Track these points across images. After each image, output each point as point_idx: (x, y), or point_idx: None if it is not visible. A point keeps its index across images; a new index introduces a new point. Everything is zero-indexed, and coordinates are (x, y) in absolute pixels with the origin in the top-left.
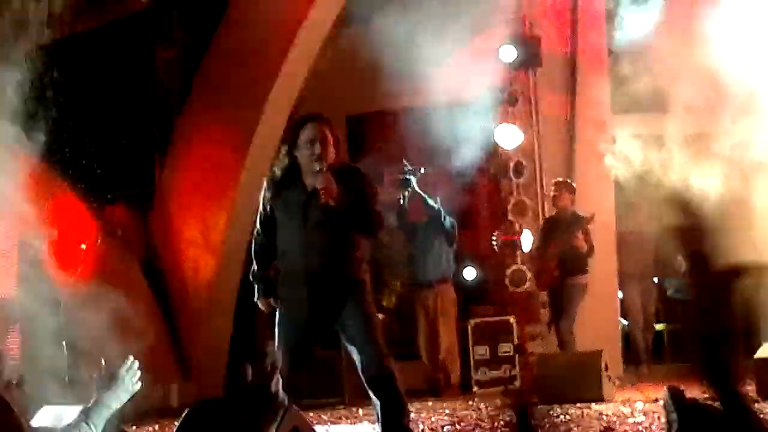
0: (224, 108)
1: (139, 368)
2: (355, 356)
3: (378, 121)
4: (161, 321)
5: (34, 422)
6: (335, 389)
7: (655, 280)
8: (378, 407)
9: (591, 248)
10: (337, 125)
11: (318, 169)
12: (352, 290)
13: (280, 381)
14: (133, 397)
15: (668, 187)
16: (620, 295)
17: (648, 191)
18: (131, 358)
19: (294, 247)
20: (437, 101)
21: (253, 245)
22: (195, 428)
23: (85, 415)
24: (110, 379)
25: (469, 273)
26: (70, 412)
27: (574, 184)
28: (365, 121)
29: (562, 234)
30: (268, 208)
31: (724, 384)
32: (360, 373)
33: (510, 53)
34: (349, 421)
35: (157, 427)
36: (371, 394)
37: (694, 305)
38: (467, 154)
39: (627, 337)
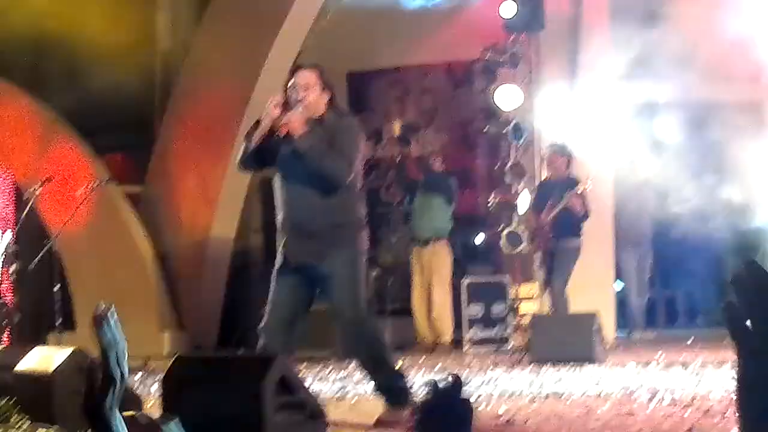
0: (225, 62)
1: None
2: (335, 310)
3: (378, 78)
4: (157, 270)
5: (23, 363)
6: (325, 342)
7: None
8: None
9: (586, 212)
10: (337, 82)
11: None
12: (333, 241)
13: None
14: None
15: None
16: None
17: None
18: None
19: (281, 192)
20: (438, 60)
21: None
22: (180, 377)
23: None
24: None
25: (466, 232)
26: (60, 355)
27: (569, 148)
28: (366, 78)
29: (557, 197)
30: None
31: None
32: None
33: (510, 9)
34: (338, 373)
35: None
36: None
37: None
38: (466, 115)
39: (621, 301)
